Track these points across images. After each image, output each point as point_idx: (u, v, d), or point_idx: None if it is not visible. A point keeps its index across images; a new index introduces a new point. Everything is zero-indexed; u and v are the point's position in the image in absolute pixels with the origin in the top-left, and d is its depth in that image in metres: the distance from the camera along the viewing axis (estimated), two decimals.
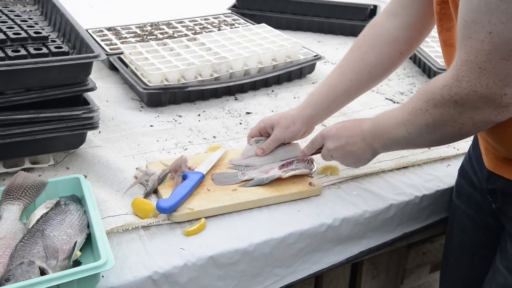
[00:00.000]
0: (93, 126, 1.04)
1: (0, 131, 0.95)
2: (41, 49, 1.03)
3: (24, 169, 1.05)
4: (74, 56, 0.98)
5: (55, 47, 1.05)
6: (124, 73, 1.43)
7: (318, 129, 1.13)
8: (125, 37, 1.67)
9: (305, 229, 0.96)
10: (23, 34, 1.06)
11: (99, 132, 1.24)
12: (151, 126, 1.29)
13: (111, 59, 1.51)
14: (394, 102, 1.48)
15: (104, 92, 1.43)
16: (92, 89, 1.02)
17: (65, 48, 1.06)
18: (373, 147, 0.95)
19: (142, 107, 1.38)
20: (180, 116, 1.34)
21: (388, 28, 1.03)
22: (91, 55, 0.99)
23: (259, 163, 1.10)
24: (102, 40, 1.63)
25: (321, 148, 1.04)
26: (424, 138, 0.83)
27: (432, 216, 1.13)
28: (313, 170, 1.08)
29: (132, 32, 1.72)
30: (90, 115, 1.02)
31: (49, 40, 1.09)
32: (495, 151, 0.90)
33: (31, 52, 1.01)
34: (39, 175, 1.05)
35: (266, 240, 0.93)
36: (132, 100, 1.42)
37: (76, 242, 0.82)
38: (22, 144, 0.99)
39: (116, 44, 1.60)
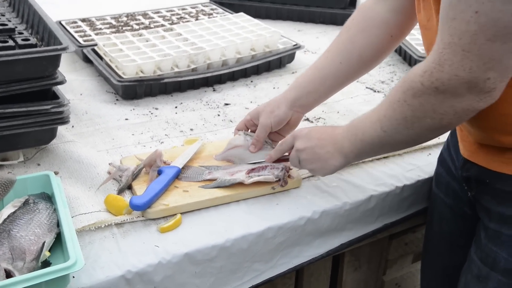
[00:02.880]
0: (63, 121, 1.00)
1: None
2: (7, 42, 0.99)
3: None
4: (40, 48, 0.94)
5: (22, 39, 1.01)
6: (98, 65, 1.39)
7: None
8: (100, 28, 1.62)
9: (284, 223, 0.94)
10: None
11: (72, 126, 1.20)
12: (126, 119, 1.25)
13: (85, 51, 1.47)
14: (375, 91, 1.46)
15: (78, 85, 1.39)
16: (61, 83, 0.99)
17: (33, 41, 1.02)
18: (343, 152, 0.88)
19: (117, 100, 1.35)
20: (156, 109, 1.31)
21: (378, 11, 1.00)
22: (58, 47, 0.95)
23: (244, 156, 1.05)
24: (76, 32, 1.58)
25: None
26: (401, 135, 0.80)
27: (413, 206, 1.11)
28: (283, 178, 0.99)
29: (107, 23, 1.68)
30: (60, 109, 0.99)
31: (16, 32, 1.05)
32: (471, 136, 0.88)
33: None
34: (8, 172, 1.01)
35: (244, 235, 0.91)
36: (107, 93, 1.38)
37: (44, 242, 0.79)
38: None
39: (90, 36, 1.55)
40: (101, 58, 1.43)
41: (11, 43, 0.99)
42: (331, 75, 1.02)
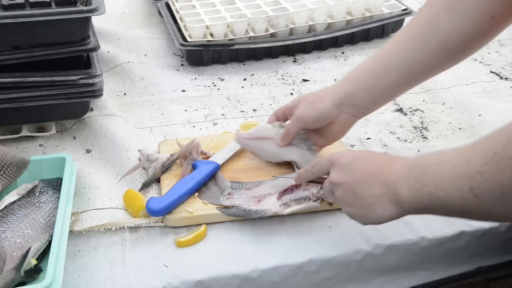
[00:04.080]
0: (94, 94, 0.86)
1: None
2: None
3: (24, 137, 0.92)
4: (62, 9, 0.79)
5: None
6: (167, 23, 1.22)
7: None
8: None
9: (332, 256, 0.73)
10: None
11: (124, 94, 1.07)
12: (183, 91, 1.09)
13: (158, 4, 1.31)
14: (502, 78, 1.12)
15: (145, 44, 1.25)
16: (93, 50, 0.84)
17: None
18: (399, 201, 0.61)
19: (182, 65, 1.18)
20: (221, 80, 1.13)
21: None
22: (85, 8, 0.79)
23: (271, 152, 0.84)
24: None
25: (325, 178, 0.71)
26: (502, 208, 0.51)
27: None
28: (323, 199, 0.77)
29: None
30: (90, 81, 0.85)
31: None
32: None
33: (29, 0, 0.85)
34: (41, 144, 0.91)
35: (277, 265, 0.71)
36: (174, 55, 1.22)
37: (30, 248, 0.67)
38: (12, 111, 0.85)
39: None
40: (173, 15, 1.27)
41: None
42: (399, 66, 0.74)
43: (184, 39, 1.14)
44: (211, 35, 1.16)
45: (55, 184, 0.78)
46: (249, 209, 0.74)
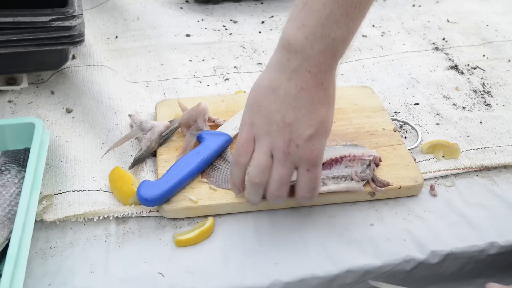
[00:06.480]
0: (71, 41, 0.67)
1: None
2: None
3: None
4: None
5: None
6: None
7: None
8: None
9: (375, 266, 0.56)
10: None
11: (116, 37, 0.88)
12: (187, 35, 0.89)
13: None
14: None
15: None
16: None
17: None
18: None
19: (187, 1, 0.98)
20: (234, 22, 0.92)
21: None
22: None
23: None
24: None
25: None
26: None
27: None
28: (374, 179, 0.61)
29: None
30: (66, 23, 0.65)
31: None
32: None
33: None
34: (10, 100, 0.74)
35: (303, 277, 0.55)
36: None
37: None
38: None
39: None
40: None
41: None
42: None
43: None
44: None
45: (21, 159, 0.61)
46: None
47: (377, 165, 0.61)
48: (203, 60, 0.84)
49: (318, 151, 0.51)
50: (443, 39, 0.89)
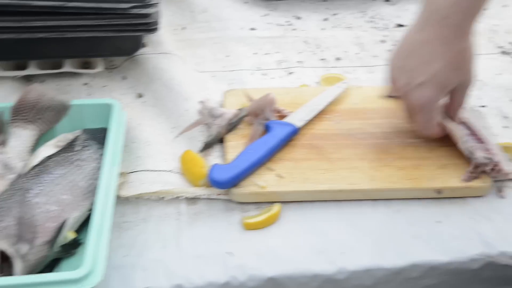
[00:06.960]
0: (148, 28, 0.70)
1: (14, 21, 0.66)
2: None
3: (67, 73, 0.78)
4: None
5: None
6: None
7: None
8: None
9: (442, 262, 0.56)
10: None
11: (183, 28, 0.91)
12: (252, 29, 0.91)
13: None
14: None
15: None
16: None
17: None
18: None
19: None
20: (298, 18, 0.94)
21: None
22: None
23: None
24: None
25: None
26: None
27: None
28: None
29: None
30: (144, 11, 0.68)
31: None
32: None
33: None
34: (86, 83, 0.77)
35: (369, 267, 0.56)
36: None
37: (66, 220, 0.54)
38: (51, 42, 0.70)
39: None
40: None
41: None
42: None
43: None
44: None
45: (100, 137, 0.64)
46: None
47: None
48: (267, 54, 0.86)
49: None
50: (511, 43, 0.88)
